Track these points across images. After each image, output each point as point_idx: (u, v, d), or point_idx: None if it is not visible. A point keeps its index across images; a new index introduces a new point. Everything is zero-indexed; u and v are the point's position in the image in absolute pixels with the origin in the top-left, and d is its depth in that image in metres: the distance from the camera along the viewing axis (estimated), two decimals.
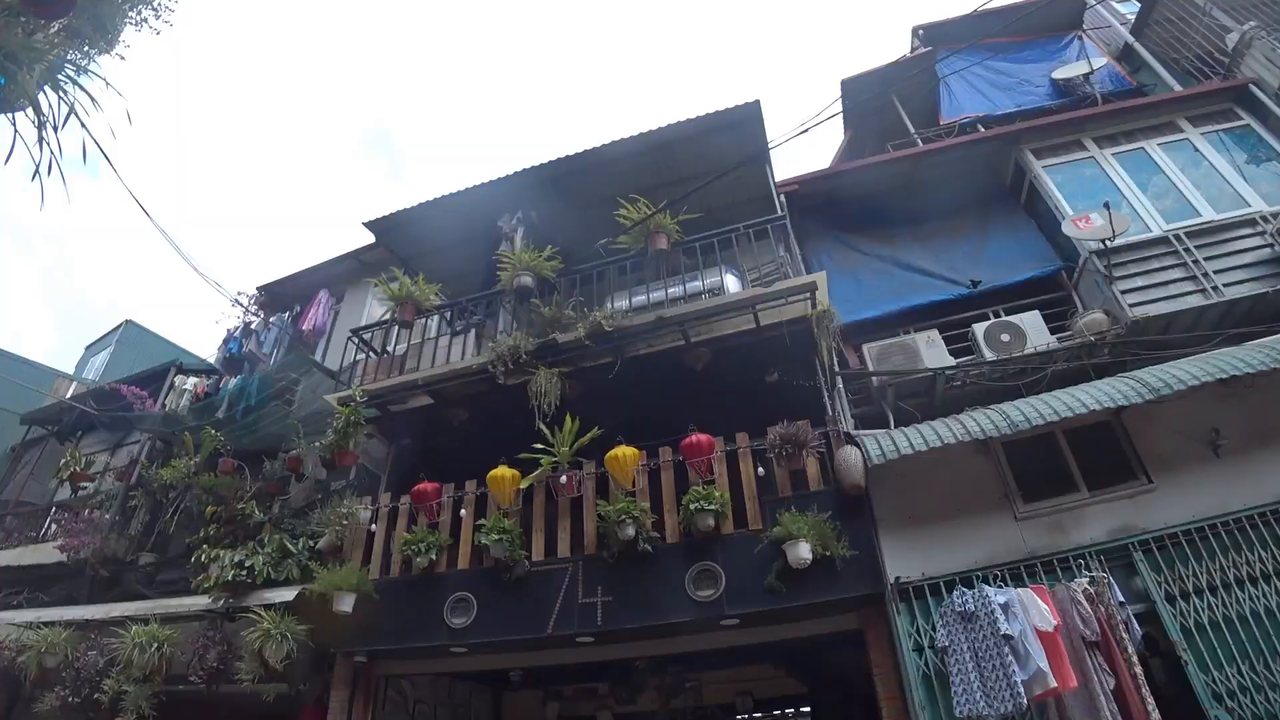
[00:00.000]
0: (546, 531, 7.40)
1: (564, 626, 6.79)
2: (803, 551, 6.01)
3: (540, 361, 7.72)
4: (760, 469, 6.82)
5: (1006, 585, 5.65)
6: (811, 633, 6.82)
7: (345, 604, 7.34)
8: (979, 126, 10.07)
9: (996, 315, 7.84)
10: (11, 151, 4.04)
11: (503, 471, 7.44)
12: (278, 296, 13.45)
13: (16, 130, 4.05)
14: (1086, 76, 10.14)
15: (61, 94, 4.21)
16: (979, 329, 7.55)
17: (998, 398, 6.84)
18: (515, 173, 9.14)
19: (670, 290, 8.06)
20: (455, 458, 8.40)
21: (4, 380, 15.04)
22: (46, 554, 10.76)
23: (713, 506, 6.53)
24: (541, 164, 9.04)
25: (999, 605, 5.27)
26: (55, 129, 4.19)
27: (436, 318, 9.56)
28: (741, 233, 8.06)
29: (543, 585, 7.04)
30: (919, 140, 10.49)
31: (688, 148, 8.89)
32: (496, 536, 7.02)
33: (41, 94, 4.12)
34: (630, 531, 6.61)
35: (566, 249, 9.02)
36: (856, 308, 8.53)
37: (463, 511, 7.75)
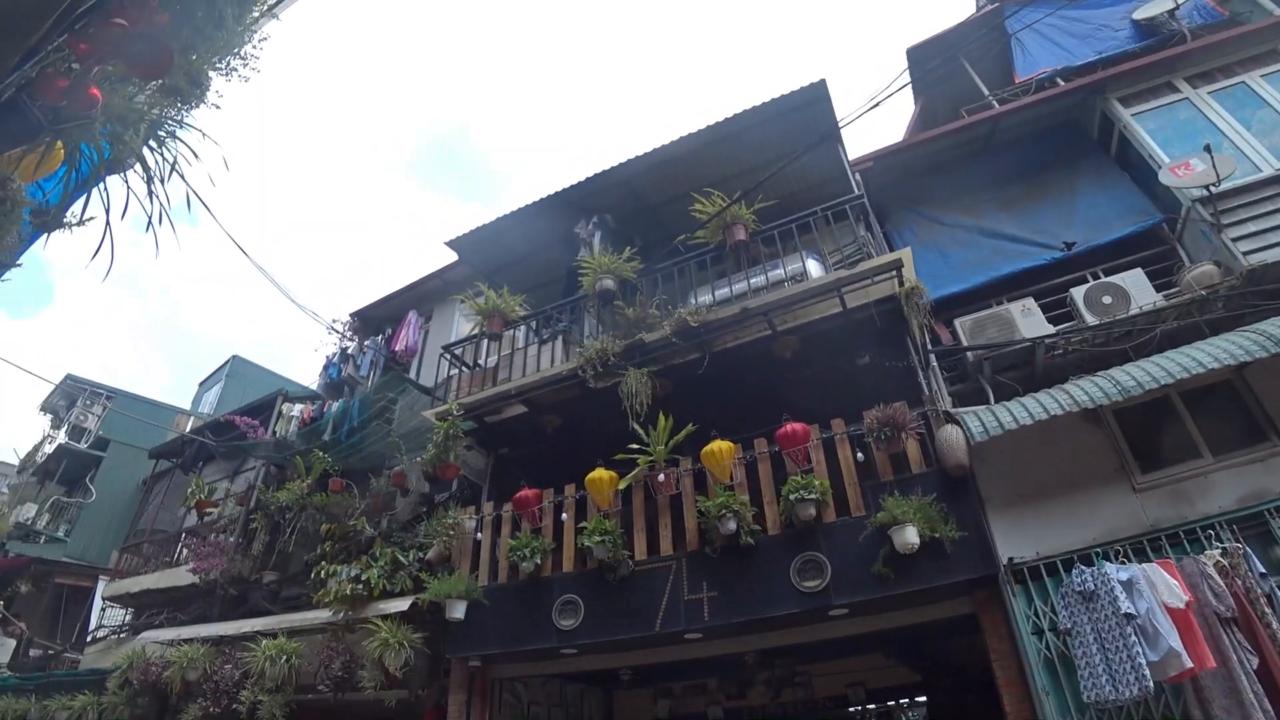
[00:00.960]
0: (647, 530, 7.48)
1: (671, 624, 6.84)
2: (910, 536, 5.87)
3: (629, 362, 7.78)
4: (859, 454, 6.69)
5: (1129, 561, 5.38)
6: (923, 619, 6.68)
7: (457, 611, 7.62)
8: (1058, 80, 9.58)
9: (1095, 277, 7.48)
10: (126, 207, 4.39)
11: (600, 473, 7.54)
12: (370, 320, 14.04)
13: (129, 187, 4.39)
14: (1171, 13, 9.49)
15: (163, 150, 4.52)
16: (1078, 293, 7.20)
17: (1104, 364, 6.52)
18: (586, 179, 9.19)
19: (752, 280, 7.98)
20: (552, 463, 8.56)
21: (133, 420, 16.18)
22: (180, 577, 11.56)
23: (813, 495, 6.45)
24: (611, 167, 9.06)
25: (1119, 582, 5.02)
26: (162, 182, 4.51)
27: (523, 328, 9.73)
28: (819, 216, 7.90)
29: (647, 584, 7.11)
30: (994, 102, 10.06)
31: (757, 136, 8.75)
32: (599, 538, 7.13)
33: (146, 149, 4.43)
34: (731, 525, 6.60)
35: (644, 248, 9.05)
36: (944, 282, 8.28)
37: (564, 515, 7.89)
